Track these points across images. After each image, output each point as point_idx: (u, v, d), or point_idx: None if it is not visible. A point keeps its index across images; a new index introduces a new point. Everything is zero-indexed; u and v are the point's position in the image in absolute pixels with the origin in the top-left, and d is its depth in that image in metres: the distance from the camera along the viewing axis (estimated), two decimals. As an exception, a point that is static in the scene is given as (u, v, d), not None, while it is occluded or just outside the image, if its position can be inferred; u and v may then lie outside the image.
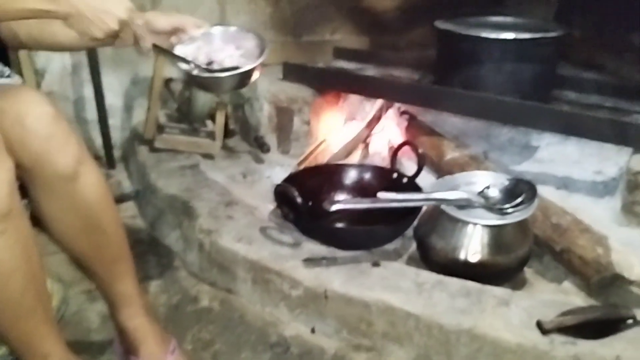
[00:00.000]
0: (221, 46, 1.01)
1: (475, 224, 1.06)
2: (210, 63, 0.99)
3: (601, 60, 1.71)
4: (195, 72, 0.96)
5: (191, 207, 1.26)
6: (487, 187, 1.11)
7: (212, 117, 1.55)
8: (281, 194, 1.14)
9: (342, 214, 1.18)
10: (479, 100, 1.38)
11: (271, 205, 1.25)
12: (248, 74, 0.97)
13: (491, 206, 1.08)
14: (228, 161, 1.56)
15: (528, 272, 1.15)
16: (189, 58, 0.97)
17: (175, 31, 0.96)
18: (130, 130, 1.69)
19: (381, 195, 1.07)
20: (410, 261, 1.16)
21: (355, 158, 1.54)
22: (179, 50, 0.96)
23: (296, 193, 1.09)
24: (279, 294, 1.09)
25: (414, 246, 1.17)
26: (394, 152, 1.33)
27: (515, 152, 1.49)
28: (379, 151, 1.56)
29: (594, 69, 1.69)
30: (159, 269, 1.27)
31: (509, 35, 1.41)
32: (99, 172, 0.93)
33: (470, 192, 1.10)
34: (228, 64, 1.00)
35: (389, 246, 1.18)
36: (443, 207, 1.08)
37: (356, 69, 1.72)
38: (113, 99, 1.66)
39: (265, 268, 1.10)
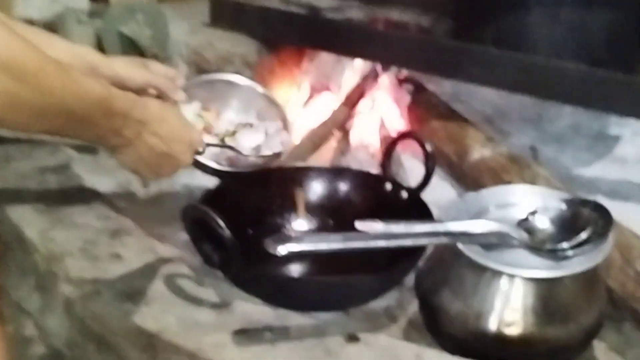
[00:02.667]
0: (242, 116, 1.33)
1: (513, 275, 1.05)
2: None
3: None
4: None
5: (52, 241, 1.26)
6: (533, 213, 1.11)
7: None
8: (197, 222, 1.12)
9: (300, 255, 1.17)
10: (525, 67, 1.39)
11: (187, 236, 1.21)
12: None
13: (539, 246, 1.08)
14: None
15: (599, 348, 1.15)
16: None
17: (148, 88, 1.15)
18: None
19: (362, 226, 1.06)
20: (411, 330, 1.16)
21: (326, 155, 1.56)
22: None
23: (221, 222, 1.07)
24: (194, 389, 1.08)
25: (415, 304, 1.17)
26: (389, 147, 1.34)
27: (583, 145, 1.52)
28: (364, 143, 1.58)
29: None
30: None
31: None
32: None
33: (506, 222, 1.10)
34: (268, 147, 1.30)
35: (377, 304, 1.18)
36: (461, 246, 1.07)
37: (330, 8, 1.75)
38: None
39: (172, 346, 1.08)
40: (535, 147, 1.48)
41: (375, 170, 1.43)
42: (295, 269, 1.24)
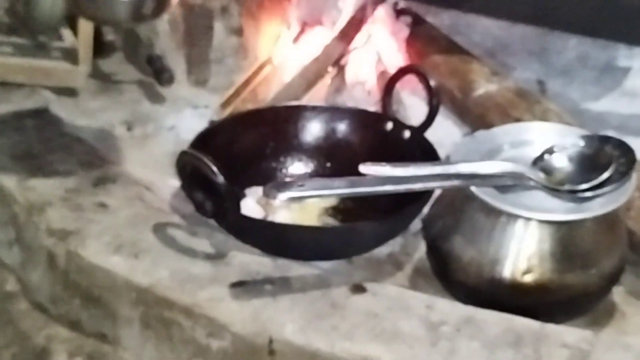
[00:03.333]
0: None
1: (529, 218, 1.03)
2: None
3: None
4: None
5: (31, 190, 1.24)
6: (550, 152, 1.09)
7: (72, 24, 1.55)
8: (190, 169, 1.10)
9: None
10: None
11: (176, 182, 1.23)
12: None
13: (556, 187, 1.06)
14: (102, 100, 1.55)
15: (618, 294, 1.14)
16: None
17: None
18: None
19: (367, 169, 1.04)
20: (418, 277, 1.16)
21: (320, 94, 1.54)
22: None
23: (214, 167, 1.05)
24: (189, 347, 1.06)
25: (422, 249, 1.17)
26: (390, 83, 1.32)
27: (590, 78, 1.50)
28: (361, 80, 1.56)
29: None
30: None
31: None
32: None
33: (521, 162, 1.08)
34: None
35: (380, 251, 1.18)
36: (473, 188, 1.05)
37: None
38: None
39: (164, 300, 1.06)
40: (543, 81, 1.47)
41: (372, 108, 1.40)
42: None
